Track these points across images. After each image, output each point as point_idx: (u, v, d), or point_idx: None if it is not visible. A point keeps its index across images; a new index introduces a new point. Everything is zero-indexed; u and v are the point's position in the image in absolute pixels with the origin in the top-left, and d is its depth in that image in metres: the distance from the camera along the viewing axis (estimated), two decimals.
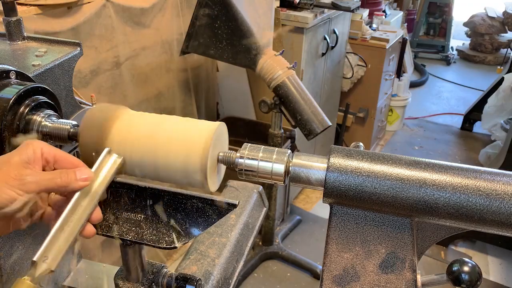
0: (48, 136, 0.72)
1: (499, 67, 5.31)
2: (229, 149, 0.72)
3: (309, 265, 2.69)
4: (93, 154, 0.69)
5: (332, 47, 3.09)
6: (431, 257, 2.81)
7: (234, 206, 0.66)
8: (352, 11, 2.78)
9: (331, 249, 0.67)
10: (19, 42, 0.95)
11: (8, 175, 0.58)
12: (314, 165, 0.66)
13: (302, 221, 3.11)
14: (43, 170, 0.63)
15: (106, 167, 0.67)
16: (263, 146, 0.69)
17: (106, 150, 0.68)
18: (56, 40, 0.96)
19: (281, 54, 2.14)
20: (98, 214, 0.66)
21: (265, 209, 1.20)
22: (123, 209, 0.70)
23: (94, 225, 0.66)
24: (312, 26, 2.70)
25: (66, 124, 0.72)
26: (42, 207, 0.66)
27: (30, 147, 0.62)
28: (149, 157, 0.68)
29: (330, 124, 2.19)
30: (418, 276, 0.68)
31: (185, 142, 0.67)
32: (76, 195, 0.63)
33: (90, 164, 0.70)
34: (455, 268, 0.72)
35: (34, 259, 0.57)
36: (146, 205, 0.70)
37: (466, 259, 0.73)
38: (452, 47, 6.47)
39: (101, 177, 0.67)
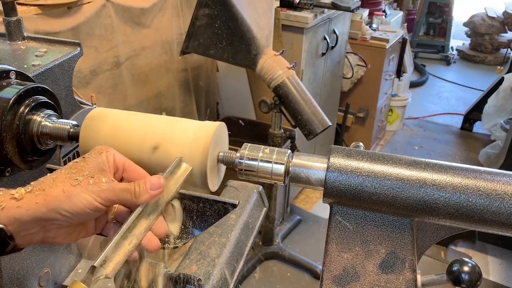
0: (48, 136, 0.72)
1: (499, 67, 5.32)
2: (229, 149, 0.72)
3: (309, 265, 2.69)
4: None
5: (332, 47, 3.09)
6: (431, 257, 2.81)
7: (234, 206, 0.66)
8: (352, 11, 2.78)
9: (331, 249, 0.67)
10: (19, 42, 0.95)
11: (86, 181, 0.57)
12: (314, 165, 0.66)
13: (302, 221, 3.11)
14: (113, 177, 0.62)
15: (175, 178, 0.64)
16: (263, 146, 0.69)
17: (177, 159, 0.65)
18: (56, 40, 0.96)
19: (281, 54, 2.14)
20: (162, 227, 0.64)
21: (265, 209, 1.20)
22: None
23: None
24: (312, 26, 2.70)
25: (66, 124, 0.72)
26: (106, 219, 0.64)
27: (104, 153, 0.61)
28: (149, 157, 0.68)
29: (330, 124, 2.19)
30: (418, 276, 0.68)
31: (185, 143, 0.67)
32: (139, 208, 0.60)
33: None
34: (455, 268, 0.72)
35: (95, 265, 0.55)
36: None
37: (466, 259, 0.73)
38: (452, 47, 6.47)
39: (168, 187, 0.64)
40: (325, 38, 2.94)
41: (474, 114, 4.42)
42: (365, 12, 3.67)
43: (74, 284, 0.53)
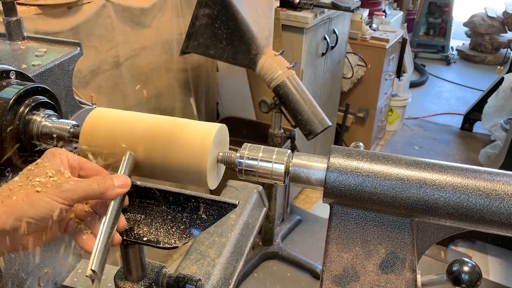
0: (48, 136, 0.72)
1: (499, 67, 5.32)
2: (229, 149, 0.72)
3: (309, 265, 2.69)
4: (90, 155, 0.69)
5: (332, 47, 3.09)
6: (431, 257, 2.81)
7: (234, 206, 0.66)
8: (352, 11, 2.78)
9: (331, 249, 0.67)
10: (19, 42, 0.95)
11: (44, 184, 0.57)
12: (314, 165, 0.66)
13: (302, 221, 3.11)
14: None
15: (126, 171, 0.66)
16: (263, 146, 0.69)
17: (128, 153, 0.67)
18: (56, 40, 0.96)
19: (281, 54, 2.14)
20: (123, 221, 0.65)
21: (265, 209, 1.20)
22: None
23: None
24: (312, 26, 2.70)
25: (66, 124, 0.72)
26: (68, 218, 0.64)
27: (57, 155, 0.61)
28: (149, 157, 0.68)
29: (330, 124, 2.19)
30: (418, 276, 0.68)
31: (185, 143, 0.67)
32: (113, 203, 0.62)
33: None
34: (455, 268, 0.72)
35: (94, 269, 0.56)
36: (146, 205, 0.70)
37: (466, 259, 0.73)
38: (452, 47, 6.47)
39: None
40: (325, 38, 2.94)
41: (474, 114, 4.42)
42: (365, 12, 3.67)
43: None
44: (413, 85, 5.20)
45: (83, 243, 0.63)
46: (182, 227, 0.68)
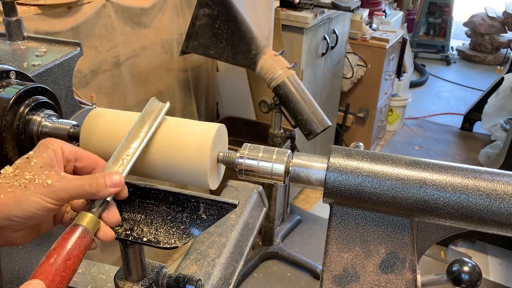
0: (48, 136, 0.72)
1: (499, 67, 5.32)
2: (229, 149, 0.72)
3: (309, 265, 2.69)
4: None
5: (332, 47, 3.09)
6: (431, 257, 2.82)
7: (234, 206, 0.66)
8: (352, 11, 2.78)
9: (331, 249, 0.67)
10: (19, 42, 0.95)
11: (33, 182, 0.54)
12: (314, 165, 0.66)
13: (302, 221, 3.11)
14: (65, 169, 0.60)
15: (154, 115, 0.70)
16: (263, 146, 0.69)
17: (152, 98, 0.72)
18: (56, 40, 0.96)
19: (281, 54, 2.14)
20: (114, 215, 0.62)
21: (265, 209, 1.20)
22: (123, 209, 0.70)
23: None
24: (312, 26, 2.70)
25: (66, 124, 0.72)
26: (64, 210, 0.63)
27: (50, 148, 0.58)
28: (149, 157, 0.68)
29: (330, 124, 2.19)
30: (418, 276, 0.68)
31: (185, 143, 0.67)
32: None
33: None
34: (455, 268, 0.72)
35: None
36: (146, 205, 0.70)
37: (466, 259, 0.73)
38: (452, 47, 6.47)
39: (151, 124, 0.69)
40: (325, 38, 2.94)
41: (474, 114, 4.42)
42: (365, 12, 3.67)
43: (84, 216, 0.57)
44: (413, 85, 5.20)
45: None
46: (182, 227, 0.67)
